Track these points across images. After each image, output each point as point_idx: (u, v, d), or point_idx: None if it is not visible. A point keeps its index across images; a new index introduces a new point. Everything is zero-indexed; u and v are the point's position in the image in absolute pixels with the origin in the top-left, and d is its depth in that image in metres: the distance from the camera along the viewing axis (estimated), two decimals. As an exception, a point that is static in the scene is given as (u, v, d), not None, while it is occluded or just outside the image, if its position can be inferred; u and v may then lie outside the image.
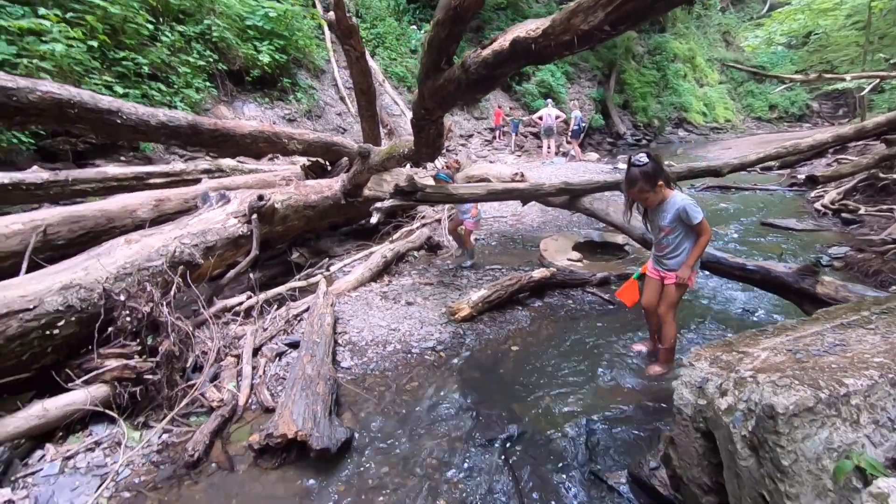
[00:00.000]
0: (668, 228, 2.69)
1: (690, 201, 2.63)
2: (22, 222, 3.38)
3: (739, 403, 1.36)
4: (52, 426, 2.27)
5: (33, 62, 5.86)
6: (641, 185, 2.58)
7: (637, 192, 2.63)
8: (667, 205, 2.67)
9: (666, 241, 2.75)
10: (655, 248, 2.89)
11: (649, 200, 2.67)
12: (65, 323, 2.37)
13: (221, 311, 3.49)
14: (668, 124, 25.09)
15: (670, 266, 2.79)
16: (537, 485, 2.06)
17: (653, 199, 2.66)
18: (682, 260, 2.73)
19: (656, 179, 2.59)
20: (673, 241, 2.73)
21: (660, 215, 2.72)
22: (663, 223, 2.70)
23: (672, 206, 2.65)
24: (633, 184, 2.60)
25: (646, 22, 2.11)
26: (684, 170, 6.20)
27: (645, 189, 2.59)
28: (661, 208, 2.70)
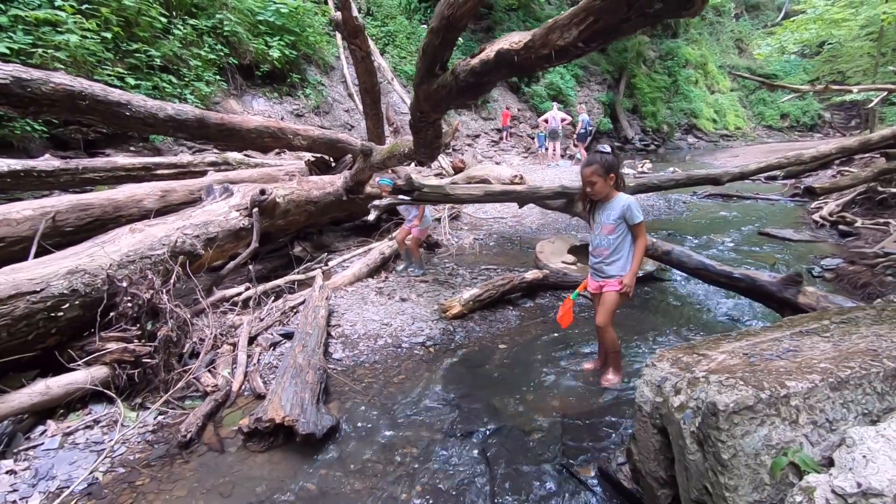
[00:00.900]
0: (611, 226, 2.68)
1: (635, 202, 2.67)
2: (32, 209, 3.51)
3: (690, 401, 1.45)
4: (54, 403, 2.40)
5: (48, 52, 6.02)
6: (597, 167, 2.60)
7: (589, 174, 2.62)
8: (614, 202, 2.69)
9: (606, 241, 2.72)
10: (593, 253, 2.85)
11: (597, 188, 2.64)
12: (69, 306, 2.49)
13: (220, 300, 3.62)
14: (677, 130, 25.06)
15: (610, 273, 2.75)
16: (511, 477, 2.16)
17: (600, 189, 2.64)
18: (622, 266, 2.72)
19: (610, 171, 2.62)
20: (613, 242, 2.70)
21: (605, 213, 2.72)
22: (607, 220, 2.70)
23: (618, 203, 2.67)
24: (590, 164, 2.63)
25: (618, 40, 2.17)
26: (683, 177, 6.27)
27: (598, 173, 2.60)
28: (608, 205, 2.70)
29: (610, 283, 2.74)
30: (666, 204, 8.83)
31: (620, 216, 2.65)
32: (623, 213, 2.64)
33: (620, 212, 2.64)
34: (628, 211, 2.62)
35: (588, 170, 2.63)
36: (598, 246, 2.79)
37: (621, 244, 2.70)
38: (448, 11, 2.12)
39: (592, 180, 2.63)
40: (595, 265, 2.83)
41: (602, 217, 2.73)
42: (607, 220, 2.69)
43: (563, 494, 2.04)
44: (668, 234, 6.53)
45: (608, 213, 2.69)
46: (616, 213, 2.65)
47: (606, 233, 2.71)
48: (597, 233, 2.78)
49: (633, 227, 2.66)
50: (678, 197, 9.40)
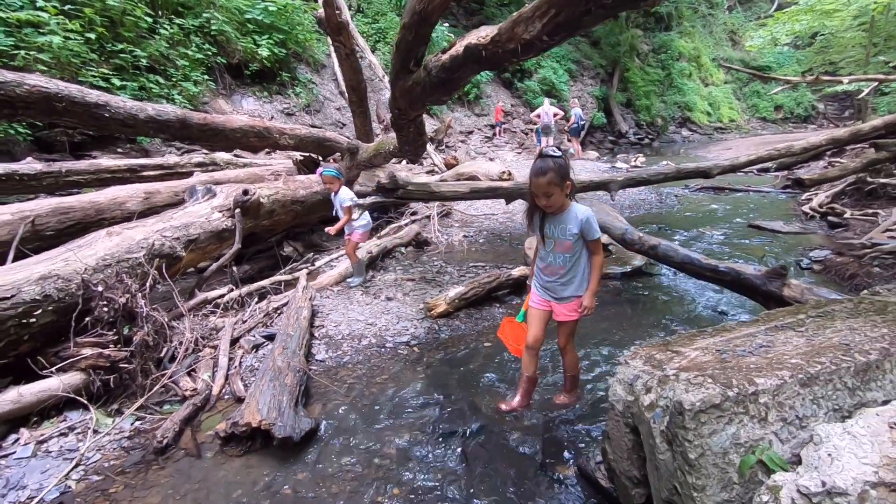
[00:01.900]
0: (569, 242, 2.34)
1: (593, 213, 2.36)
2: (11, 213, 3.47)
3: (660, 400, 1.42)
4: (26, 411, 2.37)
5: (31, 54, 5.95)
6: (552, 175, 2.18)
7: (546, 185, 2.20)
8: (568, 214, 2.33)
9: (561, 259, 2.39)
10: (544, 272, 2.49)
11: (553, 199, 2.25)
12: (41, 312, 2.46)
13: (202, 303, 3.58)
14: (671, 123, 25.03)
15: (564, 294, 2.44)
16: (490, 476, 2.13)
17: (557, 200, 2.26)
18: (579, 285, 2.42)
19: (566, 178, 2.24)
20: (569, 260, 2.38)
21: (559, 227, 2.35)
22: (564, 235, 2.34)
23: (574, 216, 2.32)
24: (544, 173, 2.19)
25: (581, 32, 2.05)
26: (673, 171, 6.25)
27: (554, 182, 2.19)
28: (563, 218, 2.34)
29: (567, 305, 2.45)
30: (657, 198, 8.81)
31: (578, 231, 2.32)
32: (581, 228, 2.31)
33: (579, 226, 2.31)
34: (587, 225, 2.30)
35: (542, 179, 2.20)
36: (550, 264, 2.44)
37: (577, 261, 2.40)
38: (420, 6, 2.08)
39: (549, 191, 2.22)
40: (546, 284, 2.50)
41: (556, 232, 2.36)
42: (563, 236, 2.34)
43: (543, 493, 2.02)
44: (658, 228, 6.51)
45: (564, 226, 2.34)
46: (574, 227, 2.32)
47: (562, 250, 2.37)
48: (549, 249, 2.41)
49: (590, 242, 2.36)
50: (670, 190, 9.38)
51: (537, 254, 2.53)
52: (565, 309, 2.46)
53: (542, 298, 2.53)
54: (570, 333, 2.53)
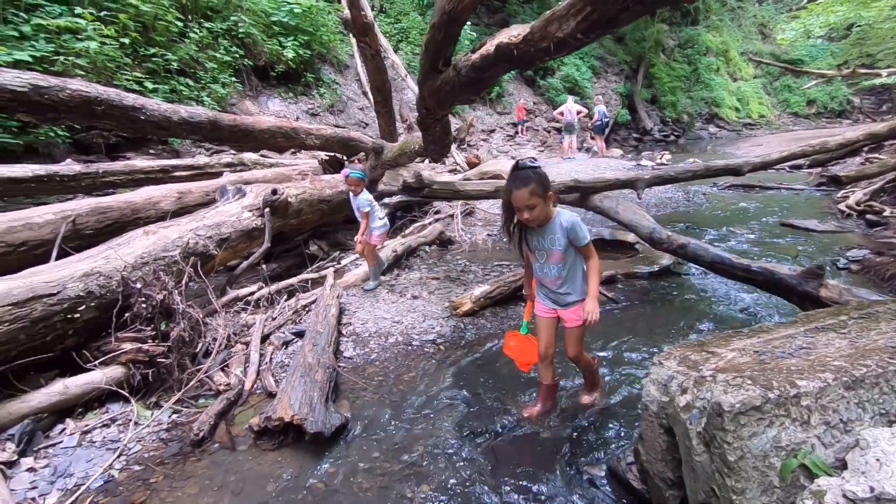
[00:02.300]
0: (559, 253, 2.24)
1: (577, 218, 2.24)
2: (53, 212, 3.60)
3: (697, 401, 1.40)
4: (72, 403, 2.47)
5: (69, 59, 6.17)
6: (534, 187, 2.06)
7: (527, 197, 2.07)
8: (553, 225, 2.23)
9: (555, 270, 2.29)
10: (542, 283, 2.40)
11: (536, 212, 2.11)
12: (85, 308, 2.56)
13: (233, 300, 3.67)
14: (698, 120, 24.50)
15: (568, 301, 2.35)
16: (520, 475, 2.13)
17: (540, 212, 2.13)
18: (581, 290, 2.33)
19: (548, 188, 2.13)
20: (563, 270, 2.29)
21: (546, 238, 2.25)
22: (553, 247, 2.24)
23: (559, 225, 2.21)
24: (525, 183, 2.06)
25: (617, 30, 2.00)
26: (701, 168, 6.13)
27: (537, 193, 2.07)
28: (547, 229, 2.24)
29: (572, 310, 2.35)
30: (684, 196, 8.63)
31: (566, 239, 2.22)
32: (568, 237, 2.21)
33: (565, 235, 2.21)
34: (573, 232, 2.19)
35: (524, 192, 2.07)
36: (545, 276, 2.36)
37: (573, 268, 2.30)
38: (449, 6, 2.09)
39: (532, 203, 2.08)
40: (548, 294, 2.42)
41: (545, 243, 2.26)
42: (553, 246, 2.24)
43: (573, 494, 2.01)
44: (685, 227, 6.39)
45: (551, 237, 2.24)
46: (561, 236, 2.22)
47: (555, 261, 2.28)
48: (541, 262, 2.32)
49: (581, 248, 2.24)
50: (697, 188, 9.19)
51: (529, 264, 2.46)
52: (571, 314, 2.36)
53: (548, 307, 2.44)
54: (579, 339, 2.42)
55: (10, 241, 3.17)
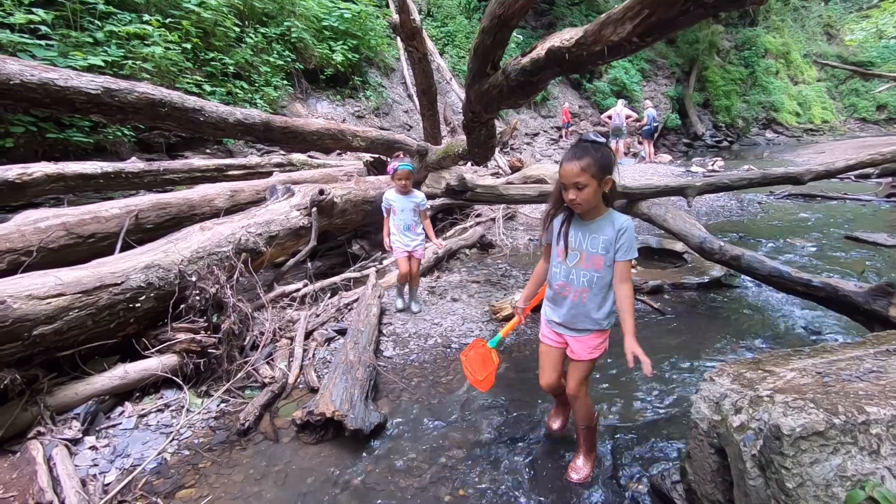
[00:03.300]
0: (599, 258, 1.86)
1: (632, 224, 1.88)
2: (119, 207, 3.84)
3: (752, 422, 1.34)
4: (131, 387, 2.62)
5: (137, 63, 6.57)
6: (589, 162, 1.74)
7: (577, 171, 1.75)
8: (603, 220, 1.86)
9: (587, 279, 1.89)
10: (559, 293, 1.99)
11: (585, 194, 1.77)
12: (145, 298, 2.71)
13: (280, 296, 3.78)
14: (753, 125, 23.41)
15: (585, 326, 1.95)
16: (557, 486, 2.10)
17: (590, 195, 1.78)
18: (605, 316, 1.94)
19: (607, 172, 1.79)
20: (597, 282, 1.89)
21: (590, 236, 1.87)
22: (596, 248, 1.86)
23: (610, 224, 1.85)
24: (579, 158, 1.76)
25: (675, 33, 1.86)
26: (758, 176, 5.83)
27: (590, 172, 1.74)
28: (595, 226, 1.87)
29: (584, 340, 1.97)
30: (738, 204, 8.25)
31: (611, 242, 1.83)
32: (617, 240, 1.83)
33: (614, 235, 1.83)
34: (625, 238, 1.82)
35: (575, 165, 1.76)
36: (568, 285, 1.94)
37: (602, 288, 1.90)
38: (500, 10, 2.09)
39: (580, 181, 1.76)
40: (561, 311, 2.00)
41: (586, 242, 1.88)
42: (595, 248, 1.86)
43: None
44: (739, 237, 6.11)
45: (596, 236, 1.86)
46: (608, 237, 1.84)
47: (590, 266, 1.89)
48: (572, 263, 1.92)
49: (622, 263, 1.85)
50: (752, 197, 8.76)
51: (543, 270, 2.10)
52: (582, 345, 1.97)
53: (556, 333, 2.06)
54: (585, 377, 2.04)
55: (81, 233, 3.40)
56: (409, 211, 3.69)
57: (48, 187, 4.03)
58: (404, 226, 3.68)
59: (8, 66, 2.92)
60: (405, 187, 3.68)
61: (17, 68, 2.96)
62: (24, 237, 3.11)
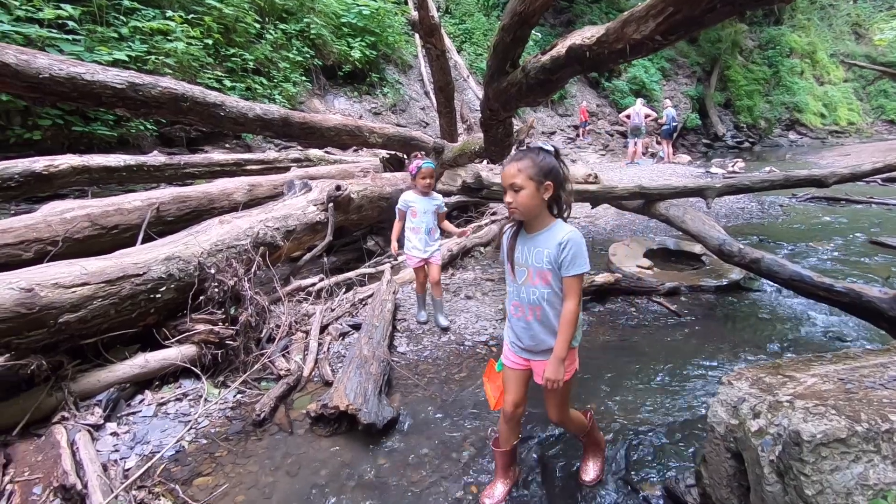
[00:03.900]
0: (545, 272, 1.71)
1: (581, 238, 1.70)
2: (141, 199, 3.92)
3: (771, 427, 1.32)
4: (150, 376, 2.68)
5: (159, 59, 6.68)
6: (527, 164, 1.64)
7: (514, 173, 1.65)
8: (547, 232, 1.71)
9: (536, 295, 1.75)
10: (515, 314, 1.84)
11: (521, 199, 1.65)
12: (166, 289, 2.76)
13: (295, 290, 3.83)
14: (776, 126, 22.92)
15: (546, 347, 1.79)
16: (568, 486, 2.09)
17: (526, 201, 1.65)
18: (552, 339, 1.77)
19: (548, 177, 1.65)
20: (548, 300, 1.74)
21: (534, 250, 1.73)
22: (541, 262, 1.71)
23: (554, 235, 1.69)
24: (518, 158, 1.67)
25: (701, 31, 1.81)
26: (780, 178, 5.73)
27: (527, 173, 1.63)
28: (539, 238, 1.72)
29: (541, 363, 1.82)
30: (759, 207, 8.11)
31: (556, 257, 1.68)
32: (559, 252, 1.67)
33: (557, 249, 1.67)
34: (567, 250, 1.65)
35: (512, 166, 1.66)
36: (522, 302, 1.80)
37: (556, 300, 1.75)
38: (520, 7, 2.08)
39: (516, 182, 1.65)
40: (519, 332, 1.85)
41: (530, 256, 1.74)
42: (539, 263, 1.71)
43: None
44: (759, 240, 6.00)
45: (540, 250, 1.71)
46: (551, 251, 1.69)
47: (538, 282, 1.74)
48: (521, 280, 1.78)
49: (567, 279, 1.68)
50: (774, 199, 8.59)
51: None
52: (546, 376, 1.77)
53: (517, 355, 1.89)
54: (563, 400, 1.90)
55: (104, 224, 3.48)
56: (430, 213, 3.49)
57: (73, 179, 4.12)
58: (425, 229, 3.46)
59: (38, 61, 2.99)
60: (429, 187, 3.48)
61: (46, 62, 3.04)
62: (50, 227, 3.20)
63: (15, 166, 3.69)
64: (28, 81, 2.99)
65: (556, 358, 1.71)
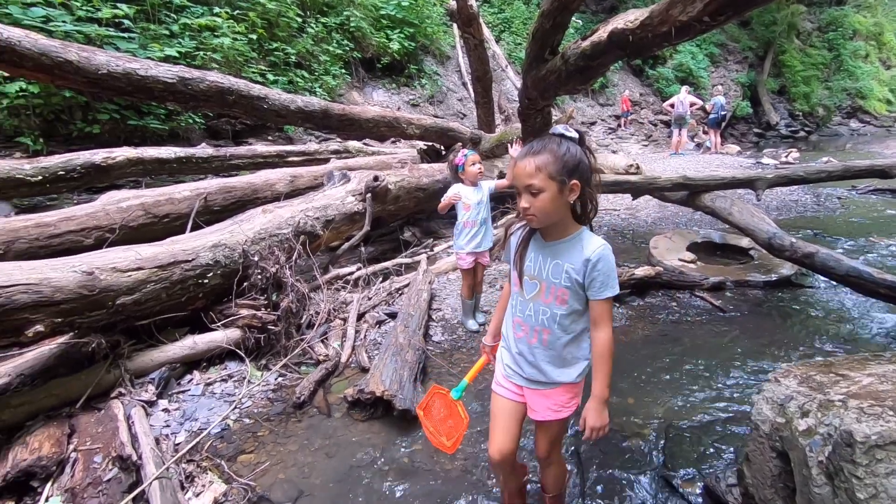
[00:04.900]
0: (562, 290, 1.40)
1: (611, 253, 1.39)
2: (189, 190, 4.10)
3: (820, 427, 1.26)
4: (198, 357, 2.82)
5: (207, 54, 6.93)
6: (547, 159, 1.30)
7: (532, 171, 1.31)
8: (570, 243, 1.39)
9: (547, 316, 1.44)
10: (518, 331, 1.52)
11: (539, 203, 1.32)
12: (213, 275, 2.89)
13: (334, 278, 3.92)
14: (836, 113, 21.49)
15: (551, 376, 1.48)
16: (604, 480, 2.07)
17: (546, 206, 1.32)
18: (573, 369, 1.49)
19: (573, 174, 1.32)
20: (559, 321, 1.43)
21: (551, 261, 1.41)
22: (558, 278, 1.40)
23: (579, 250, 1.37)
24: (535, 152, 1.32)
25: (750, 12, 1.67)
26: (839, 168, 5.41)
27: (546, 171, 1.30)
28: (559, 248, 1.41)
29: (549, 394, 1.51)
30: (814, 199, 7.67)
31: (581, 276, 1.37)
32: (588, 273, 1.36)
33: (585, 269, 1.36)
34: (597, 269, 1.35)
35: (529, 162, 1.32)
36: (526, 320, 1.49)
37: (575, 326, 1.45)
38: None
39: (534, 184, 1.31)
40: (518, 356, 1.53)
41: (546, 269, 1.43)
42: (557, 279, 1.41)
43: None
44: (813, 234, 5.68)
45: (557, 263, 1.40)
46: (575, 267, 1.38)
47: (550, 300, 1.43)
48: (529, 295, 1.47)
49: (596, 303, 1.39)
50: (831, 191, 8.10)
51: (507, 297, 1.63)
52: (546, 401, 1.51)
53: (512, 381, 1.58)
54: (556, 439, 1.64)
55: (156, 213, 3.67)
56: (484, 204, 3.22)
57: (129, 170, 4.35)
58: (481, 220, 3.19)
59: (97, 58, 3.16)
60: (481, 173, 3.16)
61: (104, 59, 3.20)
62: (108, 216, 3.40)
63: (77, 158, 3.93)
64: (88, 77, 3.17)
65: (599, 400, 1.42)
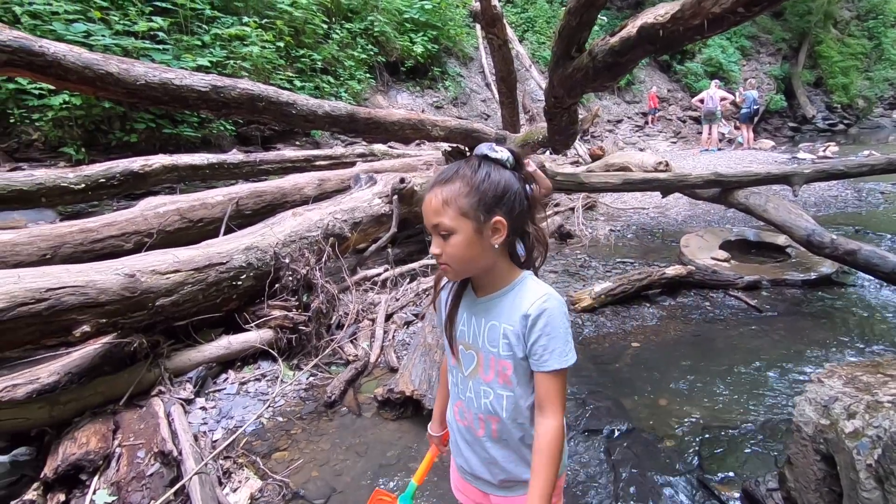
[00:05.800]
0: (505, 364, 1.04)
1: (562, 306, 1.01)
2: (222, 195, 4.21)
3: (868, 429, 1.21)
4: (233, 357, 2.89)
5: (237, 63, 7.12)
6: (461, 189, 0.96)
7: (439, 207, 0.97)
8: (506, 296, 1.03)
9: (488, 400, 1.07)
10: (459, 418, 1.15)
11: (451, 249, 0.97)
12: (245, 277, 2.97)
13: (362, 279, 3.97)
14: (877, 105, 20.59)
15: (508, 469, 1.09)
16: (637, 482, 2.03)
17: (460, 253, 0.98)
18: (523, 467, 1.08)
19: (500, 204, 0.97)
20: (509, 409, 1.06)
21: (485, 322, 1.06)
22: (495, 345, 1.04)
23: (518, 303, 1.01)
24: (447, 180, 0.98)
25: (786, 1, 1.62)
26: (882, 162, 5.17)
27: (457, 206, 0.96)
28: (492, 304, 1.05)
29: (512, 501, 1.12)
30: (855, 194, 7.36)
31: (518, 336, 1.01)
32: (529, 334, 1.00)
33: (523, 331, 1.00)
34: (538, 328, 0.99)
35: (435, 195, 0.98)
36: (469, 406, 1.11)
37: (518, 407, 1.07)
38: (588, -11, 2.02)
39: (443, 223, 0.97)
40: (466, 450, 1.15)
41: (481, 333, 1.06)
42: (493, 346, 1.05)
43: (699, 511, 1.87)
44: (854, 231, 5.46)
45: (494, 324, 1.04)
46: (513, 328, 1.01)
47: (491, 377, 1.07)
48: (467, 371, 1.10)
49: (542, 375, 1.01)
50: (874, 186, 7.76)
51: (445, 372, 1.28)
52: None
53: (469, 484, 1.20)
54: None
55: (191, 218, 3.79)
56: None
57: (164, 177, 4.50)
58: None
59: (135, 69, 3.28)
60: None
61: (142, 70, 3.32)
62: (146, 221, 3.53)
63: (116, 166, 4.09)
64: (127, 88, 3.29)
65: (542, 496, 0.97)
